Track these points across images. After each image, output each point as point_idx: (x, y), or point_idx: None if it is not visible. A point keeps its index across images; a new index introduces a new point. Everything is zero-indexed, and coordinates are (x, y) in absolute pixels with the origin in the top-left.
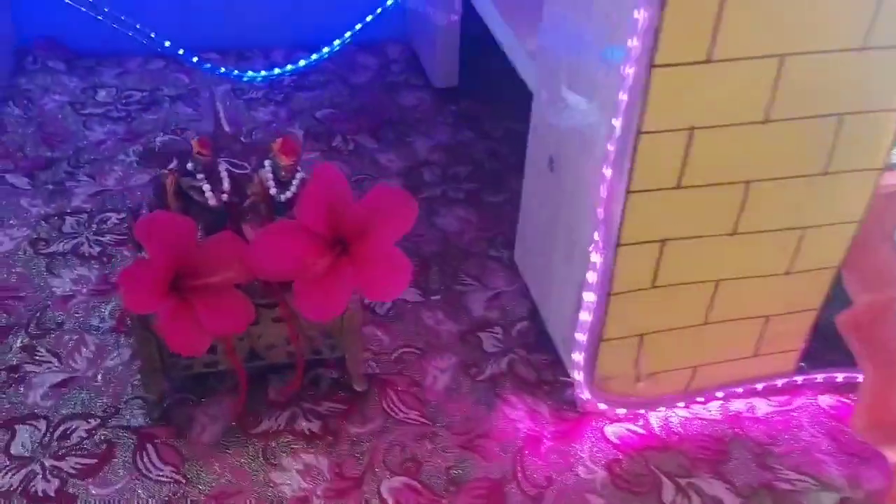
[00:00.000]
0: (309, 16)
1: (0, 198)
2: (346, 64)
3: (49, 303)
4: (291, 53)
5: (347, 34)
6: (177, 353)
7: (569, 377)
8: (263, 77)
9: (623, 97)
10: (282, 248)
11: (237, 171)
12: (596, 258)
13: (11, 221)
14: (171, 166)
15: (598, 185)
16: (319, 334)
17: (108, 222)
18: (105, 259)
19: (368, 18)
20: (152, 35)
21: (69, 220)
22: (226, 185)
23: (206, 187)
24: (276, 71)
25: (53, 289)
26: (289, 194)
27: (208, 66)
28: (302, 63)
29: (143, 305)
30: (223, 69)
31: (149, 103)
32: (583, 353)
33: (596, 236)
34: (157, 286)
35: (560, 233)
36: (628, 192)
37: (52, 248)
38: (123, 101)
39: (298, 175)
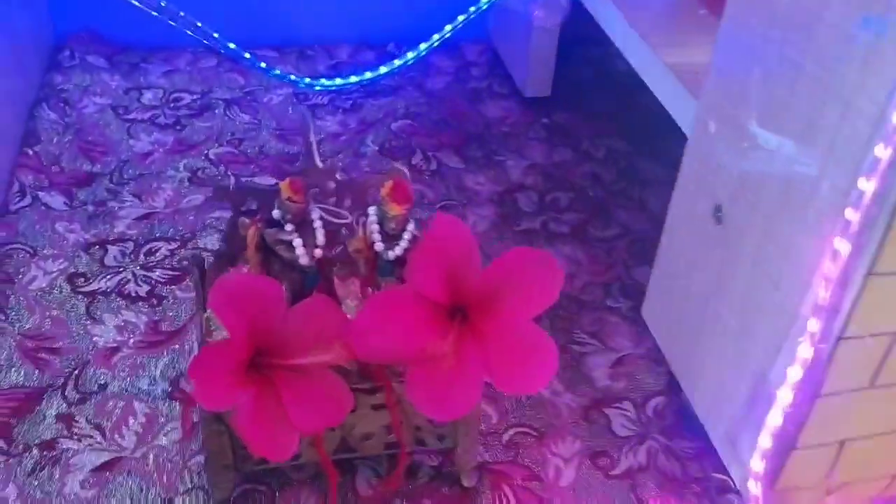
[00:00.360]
0: (377, 9)
1: (33, 221)
2: (419, 66)
3: (90, 357)
4: (357, 52)
5: (435, 37)
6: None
7: (725, 474)
8: (337, 85)
9: (885, 151)
10: (394, 322)
11: (334, 219)
12: (806, 352)
13: (45, 251)
14: (252, 214)
15: (819, 259)
16: (427, 422)
17: (157, 253)
18: (154, 301)
19: (460, 19)
20: (199, 25)
21: (112, 250)
22: (320, 238)
23: (298, 242)
24: (353, 79)
25: (95, 338)
26: (398, 251)
27: (264, 65)
28: (383, 70)
29: (222, 400)
30: (293, 76)
31: (200, 108)
32: (765, 461)
33: (813, 326)
34: (237, 372)
35: (726, 304)
36: (870, 273)
37: (93, 286)
38: (172, 104)
39: (410, 227)
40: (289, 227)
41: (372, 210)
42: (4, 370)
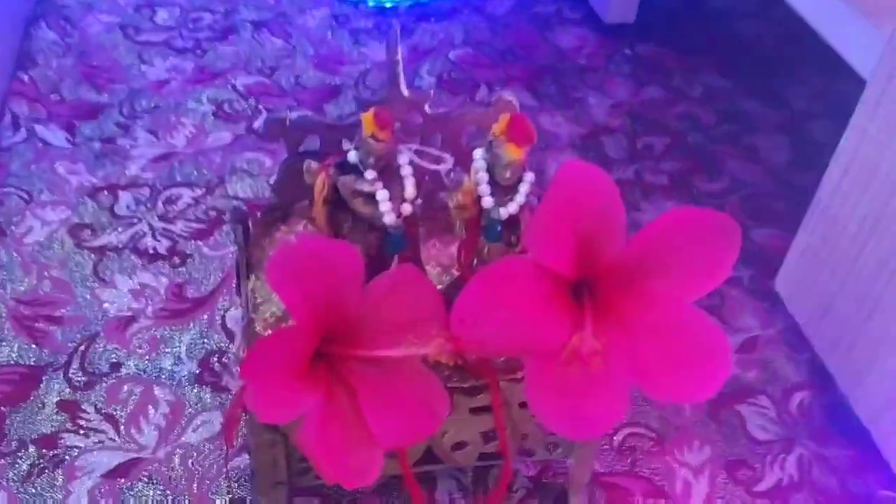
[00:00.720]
0: None
1: (28, 160)
2: None
3: (99, 328)
4: None
5: None
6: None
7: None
8: (390, 4)
9: None
10: (508, 304)
11: (430, 165)
12: None
13: (43, 196)
14: (311, 156)
15: None
16: (538, 428)
17: (179, 202)
18: (177, 260)
19: None
20: None
21: (124, 196)
22: (409, 190)
23: (384, 195)
24: None
25: (105, 305)
26: (513, 208)
27: None
28: None
29: (283, 409)
30: None
31: (224, 30)
32: None
33: None
34: (301, 370)
35: None
36: None
37: (102, 240)
38: (191, 25)
39: (527, 178)
40: (370, 173)
41: (479, 153)
42: None
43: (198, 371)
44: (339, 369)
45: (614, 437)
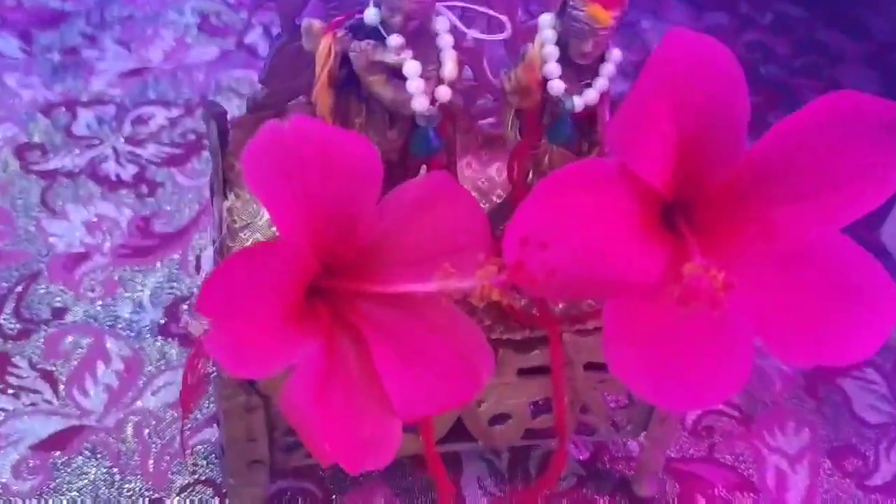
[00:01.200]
0: None
1: None
2: None
3: (42, 266)
4: None
5: None
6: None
7: None
8: None
9: None
10: (587, 222)
11: (480, 35)
12: None
13: None
14: (330, 15)
15: None
16: (601, 399)
17: (150, 122)
18: (145, 188)
19: None
20: None
21: (84, 114)
22: (450, 67)
23: (413, 69)
24: None
25: (52, 239)
26: (591, 96)
27: None
28: None
29: (261, 360)
30: None
31: None
32: None
33: None
34: (289, 307)
35: None
36: None
37: (54, 163)
38: None
39: (612, 56)
40: (395, 39)
41: (547, 19)
42: None
43: (163, 321)
44: (344, 311)
45: (688, 416)
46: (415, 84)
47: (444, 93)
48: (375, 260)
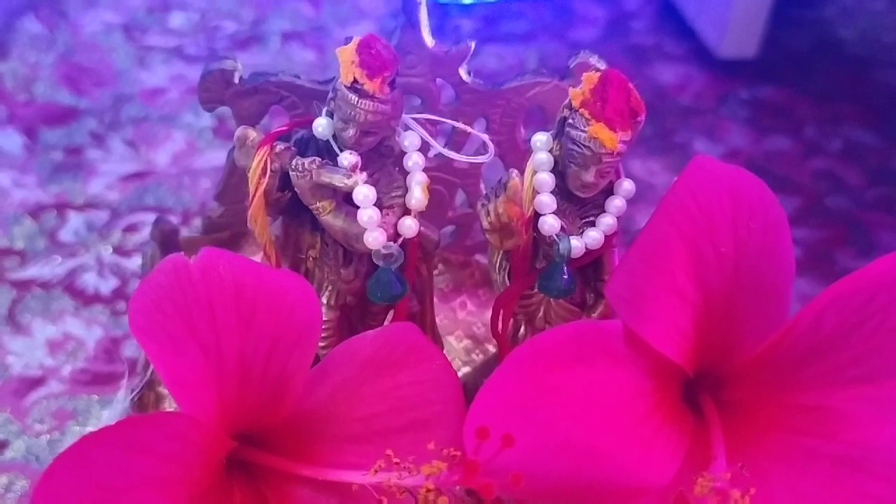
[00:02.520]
0: None
1: None
2: (558, 12)
3: None
4: None
5: None
6: None
7: None
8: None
9: None
10: (576, 405)
11: (451, 154)
12: None
13: None
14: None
15: None
16: None
17: (142, 230)
18: (122, 305)
19: None
20: None
21: (74, 219)
22: (418, 196)
23: (366, 194)
24: None
25: (9, 358)
26: (594, 239)
27: None
28: None
29: None
30: None
31: (247, 39)
32: None
33: None
34: (194, 486)
35: None
36: None
37: (30, 272)
38: (209, 32)
39: (622, 188)
40: (349, 157)
41: (541, 141)
42: None
43: None
44: (265, 491)
45: None
46: (367, 214)
47: (408, 226)
48: (308, 434)
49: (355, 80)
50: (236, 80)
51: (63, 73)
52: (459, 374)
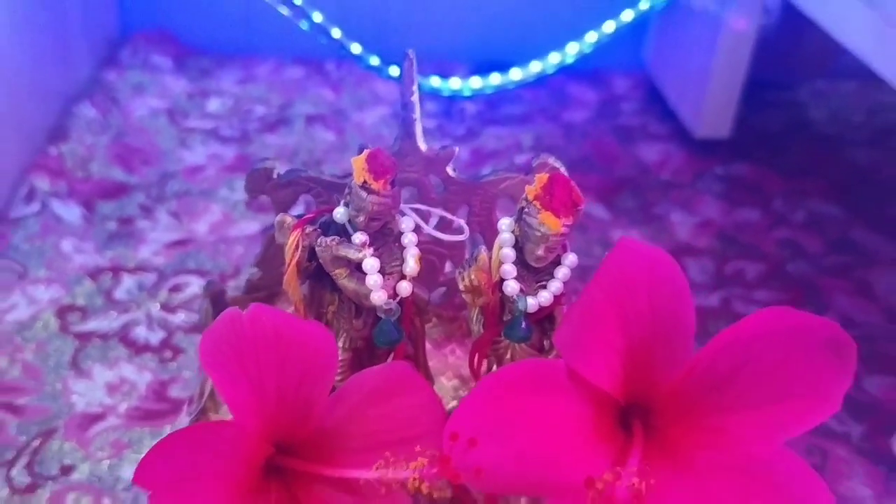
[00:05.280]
0: (503, 28)
1: (34, 233)
2: (554, 96)
3: (60, 423)
4: (475, 73)
5: (571, 54)
6: None
7: None
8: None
9: None
10: (526, 423)
11: (438, 234)
12: None
13: (39, 272)
14: (305, 213)
15: None
16: None
17: (185, 290)
18: (169, 354)
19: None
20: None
21: (127, 280)
22: (411, 264)
23: (372, 265)
24: (476, 84)
25: (73, 397)
26: (545, 298)
27: (376, 63)
28: (516, 75)
29: None
30: (395, 70)
31: (276, 122)
32: None
33: None
34: (238, 485)
35: None
36: None
37: (90, 325)
38: (242, 115)
39: (568, 260)
40: (359, 237)
41: (505, 224)
42: None
43: None
44: (296, 490)
45: None
46: (373, 279)
47: (404, 288)
48: (328, 445)
49: (365, 181)
50: (275, 176)
51: (115, 153)
52: (448, 407)
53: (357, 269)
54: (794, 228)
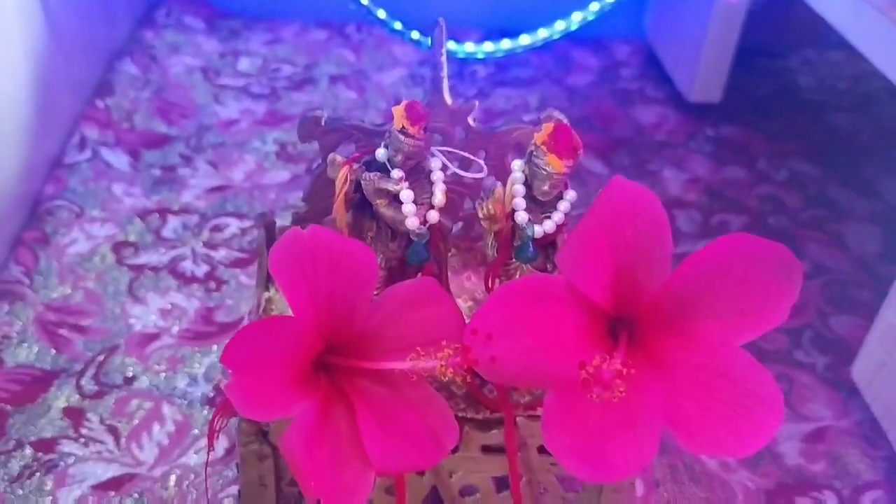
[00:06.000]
0: None
1: (87, 178)
2: (559, 61)
3: (121, 342)
4: (486, 39)
5: (575, 21)
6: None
7: None
8: (483, 55)
9: None
10: (532, 325)
11: (461, 172)
12: None
13: (94, 213)
14: (349, 154)
15: None
16: (558, 483)
17: (225, 231)
18: (213, 284)
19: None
20: None
21: (173, 220)
22: (439, 196)
23: (408, 195)
24: (488, 48)
25: (132, 320)
26: (549, 226)
27: (399, 27)
28: (525, 41)
29: (268, 406)
30: (415, 35)
31: (302, 81)
32: None
33: None
34: (295, 369)
35: None
36: None
37: (142, 259)
38: (270, 74)
39: (568, 196)
40: (397, 172)
41: (517, 164)
42: (14, 345)
43: (212, 394)
44: (340, 381)
45: None
46: (408, 208)
47: (433, 216)
48: (368, 344)
49: (403, 127)
50: (322, 123)
51: (156, 106)
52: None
53: (394, 199)
54: (776, 185)
